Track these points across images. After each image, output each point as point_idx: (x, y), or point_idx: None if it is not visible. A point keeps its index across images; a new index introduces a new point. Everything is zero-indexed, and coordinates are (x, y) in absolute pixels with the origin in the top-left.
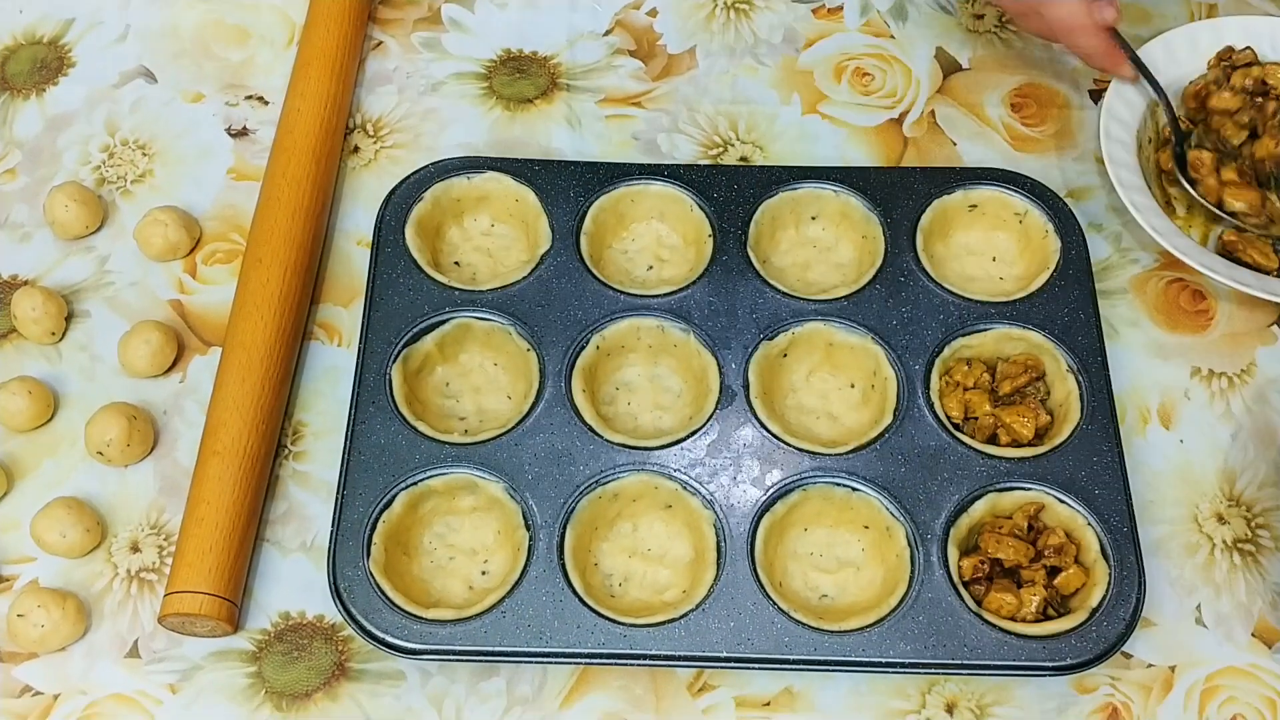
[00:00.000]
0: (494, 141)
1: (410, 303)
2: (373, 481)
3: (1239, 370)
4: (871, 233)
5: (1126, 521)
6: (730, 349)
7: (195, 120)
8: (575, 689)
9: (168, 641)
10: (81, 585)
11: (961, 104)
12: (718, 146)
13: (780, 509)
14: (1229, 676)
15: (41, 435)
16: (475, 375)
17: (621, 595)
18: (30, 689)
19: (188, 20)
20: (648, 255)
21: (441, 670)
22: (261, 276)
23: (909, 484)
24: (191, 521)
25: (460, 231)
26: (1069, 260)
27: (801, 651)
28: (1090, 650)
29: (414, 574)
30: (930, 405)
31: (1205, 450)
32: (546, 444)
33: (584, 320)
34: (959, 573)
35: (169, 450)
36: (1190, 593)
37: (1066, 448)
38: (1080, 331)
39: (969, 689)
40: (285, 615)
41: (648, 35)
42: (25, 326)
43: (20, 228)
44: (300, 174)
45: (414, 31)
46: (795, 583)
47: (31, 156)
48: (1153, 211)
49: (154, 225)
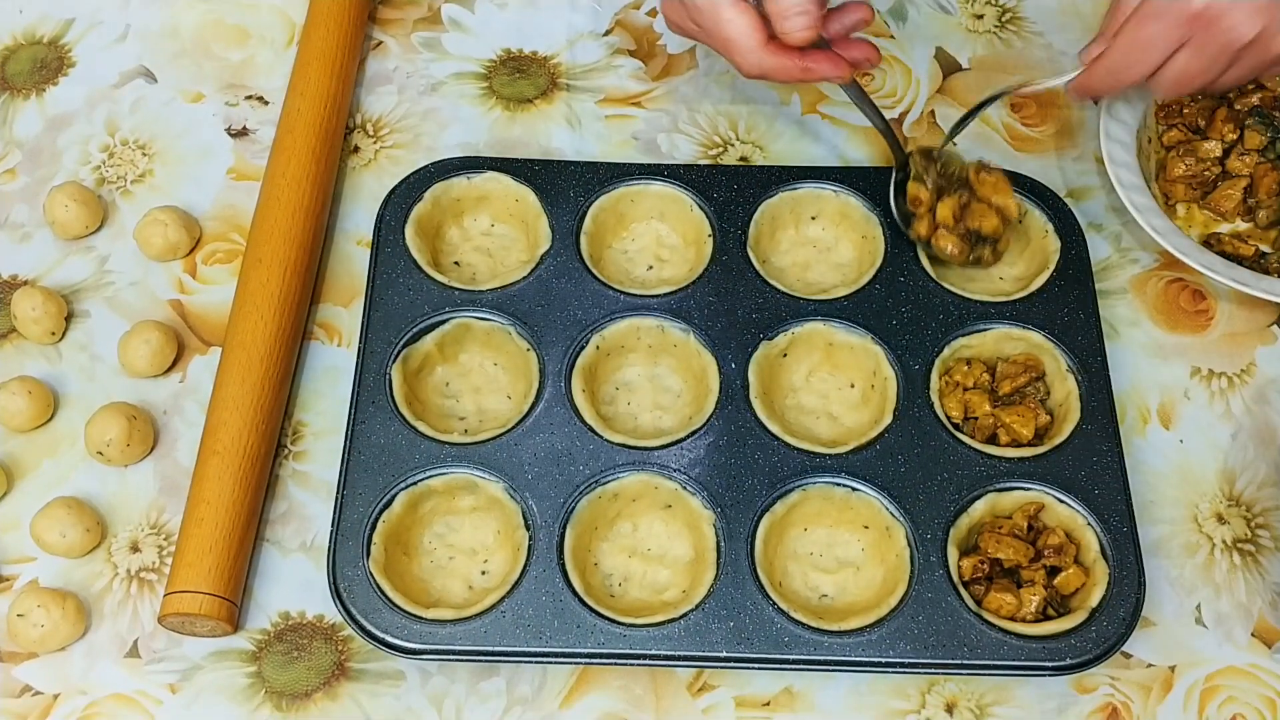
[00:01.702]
0: (494, 141)
1: (410, 303)
2: (373, 481)
3: (1239, 370)
4: (871, 233)
5: (1126, 521)
6: (730, 349)
7: (195, 120)
8: (575, 689)
9: (168, 641)
10: (81, 585)
11: (961, 104)
12: (718, 146)
13: (780, 509)
14: (1229, 676)
15: (41, 435)
16: (475, 375)
17: (621, 595)
18: (30, 689)
19: (188, 20)
20: (648, 255)
21: (441, 670)
22: (261, 276)
23: (909, 484)
24: (191, 521)
25: (460, 231)
26: (1069, 260)
27: (801, 651)
28: (1090, 650)
29: (414, 574)
30: (930, 405)
31: (1205, 450)
32: (546, 444)
33: (584, 320)
34: (959, 573)
35: (169, 450)
36: (1190, 593)
37: (1066, 448)
38: (1080, 331)
39: (969, 689)
40: (285, 615)
41: (648, 35)
42: (25, 326)
43: (20, 228)
44: (300, 174)
45: (414, 31)
46: (795, 583)
47: (31, 156)
48: (1153, 211)
49: (154, 225)
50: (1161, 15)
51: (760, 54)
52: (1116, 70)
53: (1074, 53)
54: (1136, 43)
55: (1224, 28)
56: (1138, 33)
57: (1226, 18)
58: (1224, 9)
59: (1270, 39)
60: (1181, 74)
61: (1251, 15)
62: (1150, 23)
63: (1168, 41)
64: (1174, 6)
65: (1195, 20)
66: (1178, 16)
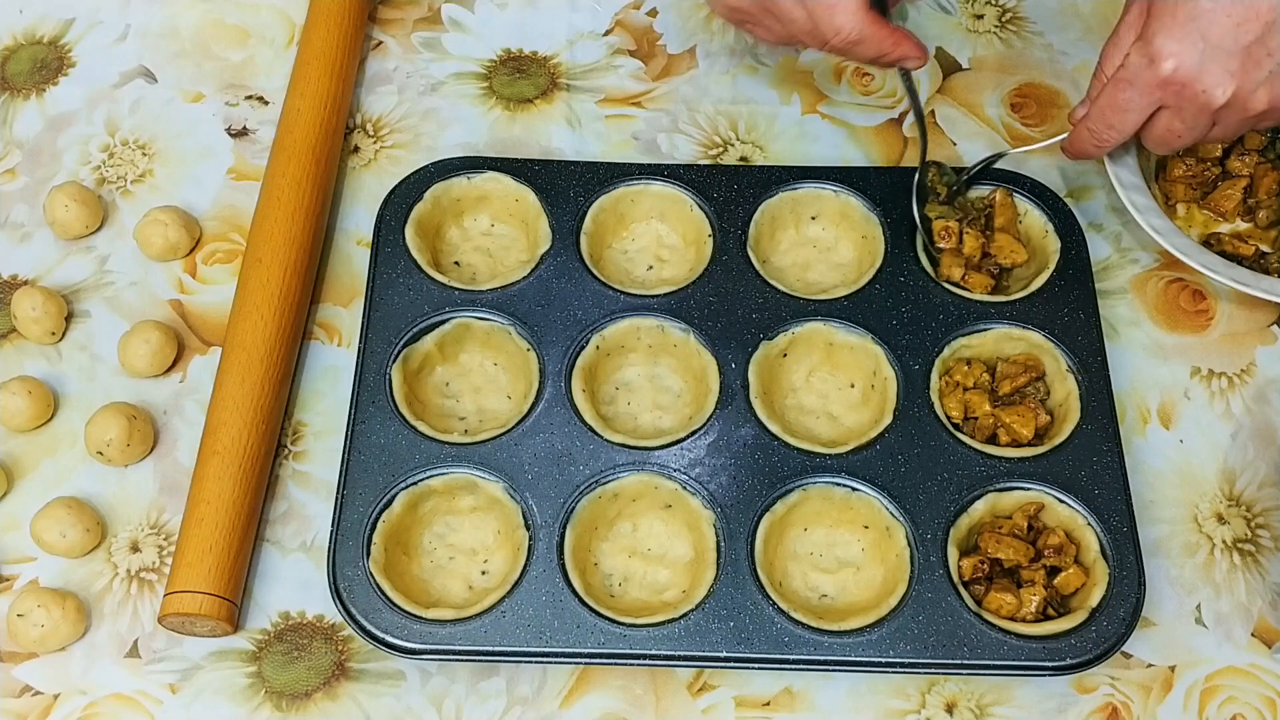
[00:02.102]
0: (494, 141)
1: (410, 303)
2: (373, 481)
3: (1239, 370)
4: (871, 233)
5: (1126, 521)
6: (730, 349)
7: (195, 120)
8: (575, 689)
9: (168, 641)
10: (81, 585)
11: (961, 104)
12: (718, 146)
13: (780, 509)
14: (1229, 676)
15: (41, 435)
16: (475, 375)
17: (621, 595)
18: (30, 689)
19: (188, 20)
20: (648, 255)
21: (441, 670)
22: (261, 276)
23: (909, 484)
24: (191, 521)
25: (460, 231)
26: (1069, 260)
27: (801, 651)
28: (1090, 650)
29: (414, 574)
30: (930, 405)
31: (1205, 450)
32: (546, 444)
33: (584, 320)
34: (959, 573)
35: (169, 450)
36: (1190, 593)
37: (1066, 448)
38: (1080, 331)
39: (969, 689)
40: (285, 615)
41: (648, 35)
42: (25, 326)
43: (20, 228)
44: (300, 174)
45: (414, 31)
46: (795, 583)
47: (31, 156)
48: (1153, 211)
49: (154, 225)
50: (1133, 81)
51: (862, 15)
52: (1097, 133)
53: (1073, 53)
54: (1114, 107)
55: (1196, 91)
56: (1114, 97)
57: (1197, 82)
58: (1192, 74)
59: (1247, 98)
60: (1165, 133)
61: (1221, 79)
62: (1123, 89)
63: (1142, 106)
64: (1145, 73)
65: (1166, 85)
66: (1149, 82)
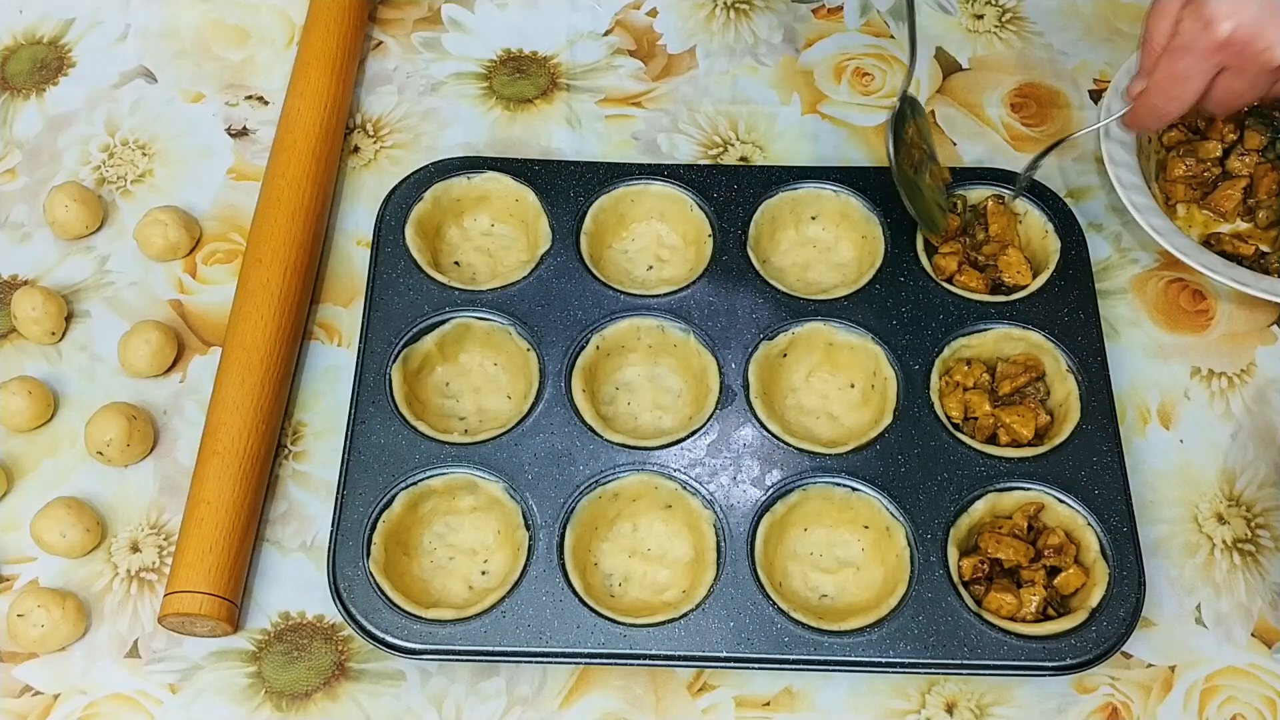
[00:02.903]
0: (494, 141)
1: (410, 303)
2: (373, 481)
3: (1239, 370)
4: (871, 233)
5: (1126, 521)
6: (730, 349)
7: (195, 120)
8: (575, 689)
9: (168, 641)
10: (81, 585)
11: (961, 104)
12: (718, 146)
13: (780, 509)
14: (1229, 676)
15: (41, 435)
16: (475, 375)
17: (621, 595)
18: (30, 689)
19: (188, 20)
20: (648, 255)
21: (441, 670)
22: (261, 276)
23: (909, 484)
24: (191, 521)
25: (460, 231)
26: (1069, 260)
27: (801, 651)
28: (1090, 650)
29: (414, 574)
30: (930, 405)
31: (1205, 450)
32: (546, 444)
33: (584, 320)
34: (959, 573)
35: (169, 450)
36: (1190, 593)
37: (1066, 448)
38: (1080, 331)
39: (969, 689)
40: (285, 615)
41: (648, 35)
42: (25, 326)
43: (20, 228)
44: (300, 174)
45: (414, 31)
46: (795, 583)
47: (31, 156)
48: (1153, 211)
49: (154, 225)
50: (1190, 48)
51: None
52: (1159, 107)
53: (1073, 53)
54: (1173, 77)
55: (1256, 50)
56: (1172, 68)
57: (1260, 39)
58: (1253, 33)
59: None
60: (1227, 95)
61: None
62: (1181, 56)
63: (1202, 72)
64: (1201, 37)
65: (1225, 47)
66: (1207, 46)
